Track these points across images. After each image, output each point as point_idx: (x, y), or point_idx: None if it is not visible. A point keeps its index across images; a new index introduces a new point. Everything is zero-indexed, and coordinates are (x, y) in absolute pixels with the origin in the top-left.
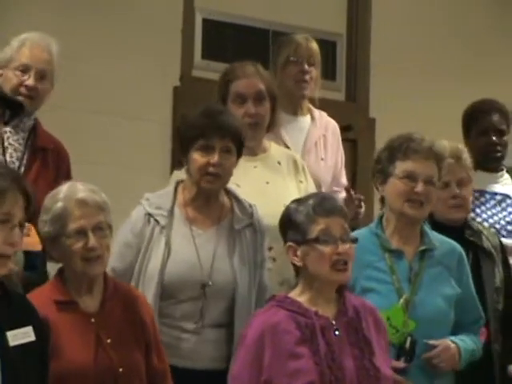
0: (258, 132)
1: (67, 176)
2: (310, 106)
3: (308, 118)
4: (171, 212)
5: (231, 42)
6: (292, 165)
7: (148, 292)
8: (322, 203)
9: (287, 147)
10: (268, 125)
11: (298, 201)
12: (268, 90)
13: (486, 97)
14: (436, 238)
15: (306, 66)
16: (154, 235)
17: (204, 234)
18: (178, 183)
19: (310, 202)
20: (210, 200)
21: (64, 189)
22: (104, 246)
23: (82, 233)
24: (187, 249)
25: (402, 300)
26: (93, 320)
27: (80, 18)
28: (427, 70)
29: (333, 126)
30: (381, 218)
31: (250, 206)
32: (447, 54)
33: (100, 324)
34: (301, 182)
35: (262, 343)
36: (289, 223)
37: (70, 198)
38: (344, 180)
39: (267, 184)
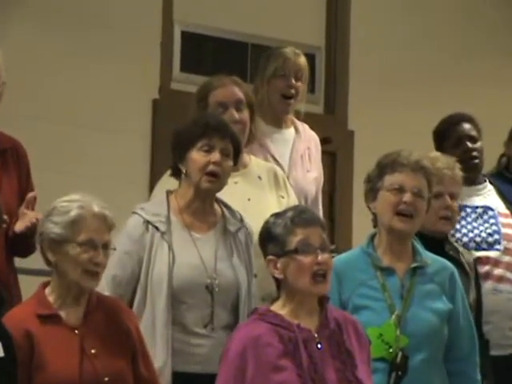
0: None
1: (28, 174)
2: (293, 118)
3: (292, 130)
4: (168, 218)
5: (210, 54)
6: (273, 179)
7: (159, 297)
8: (300, 214)
9: (275, 159)
10: (247, 137)
11: (276, 214)
12: (246, 98)
13: (467, 110)
14: (428, 256)
15: (293, 81)
16: (154, 242)
17: (203, 237)
18: (167, 193)
19: (289, 214)
20: (206, 204)
21: (77, 197)
22: (105, 264)
23: (92, 245)
24: (190, 252)
25: (393, 316)
26: (76, 331)
27: (58, 30)
28: (406, 83)
29: (315, 139)
30: (372, 237)
31: (238, 212)
32: (426, 66)
33: (84, 335)
34: (282, 197)
35: (245, 356)
36: (268, 237)
37: (87, 208)
38: (320, 197)
39: (249, 201)
